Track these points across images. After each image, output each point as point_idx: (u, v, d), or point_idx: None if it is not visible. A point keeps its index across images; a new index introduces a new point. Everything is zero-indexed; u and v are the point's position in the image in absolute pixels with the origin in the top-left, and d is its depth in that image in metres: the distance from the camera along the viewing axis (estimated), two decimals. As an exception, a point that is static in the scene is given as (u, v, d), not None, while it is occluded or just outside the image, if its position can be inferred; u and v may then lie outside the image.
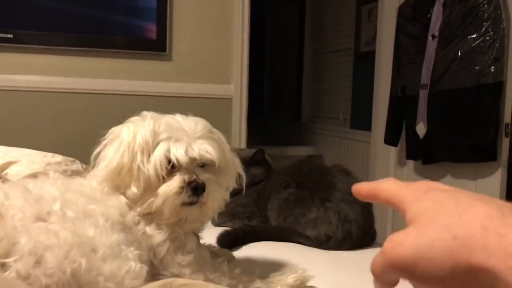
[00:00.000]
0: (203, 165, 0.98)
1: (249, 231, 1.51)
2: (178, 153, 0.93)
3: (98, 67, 2.66)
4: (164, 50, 2.70)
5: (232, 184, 1.06)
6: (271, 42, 5.47)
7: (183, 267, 0.96)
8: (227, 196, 1.05)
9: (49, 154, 1.55)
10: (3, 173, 1.47)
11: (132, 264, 0.83)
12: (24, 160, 1.49)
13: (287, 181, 1.62)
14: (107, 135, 1.00)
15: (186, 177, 0.94)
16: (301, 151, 4.14)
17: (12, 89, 2.58)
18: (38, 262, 0.72)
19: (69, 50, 2.61)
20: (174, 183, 0.94)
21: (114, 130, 1.00)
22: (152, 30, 2.68)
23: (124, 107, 2.67)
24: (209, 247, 1.20)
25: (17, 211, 0.79)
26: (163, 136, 0.95)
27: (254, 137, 3.36)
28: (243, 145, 2.86)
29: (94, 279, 0.76)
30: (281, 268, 1.12)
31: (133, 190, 0.94)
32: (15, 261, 0.70)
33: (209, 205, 0.99)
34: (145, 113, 1.02)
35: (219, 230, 1.44)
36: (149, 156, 0.94)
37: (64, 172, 1.48)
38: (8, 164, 1.49)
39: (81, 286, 0.74)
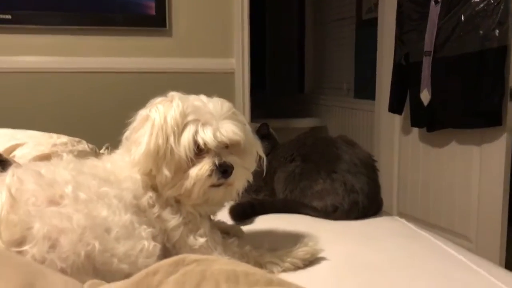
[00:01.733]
0: (228, 146, 1.00)
1: (256, 204, 1.53)
2: (207, 137, 0.95)
3: (98, 45, 2.64)
4: (164, 26, 2.68)
5: (254, 166, 1.07)
6: (271, 13, 5.41)
7: (195, 252, 0.98)
8: (250, 177, 1.06)
9: (55, 135, 1.55)
10: (11, 155, 1.48)
11: (145, 243, 0.85)
12: (30, 142, 1.50)
13: (292, 154, 1.63)
14: (135, 117, 1.00)
15: (216, 159, 0.96)
16: (305, 123, 4.14)
17: (12, 71, 2.58)
18: (52, 247, 0.73)
19: (68, 29, 2.59)
20: (205, 166, 0.95)
21: (143, 113, 1.00)
22: (151, 6, 2.65)
23: (125, 85, 2.67)
24: (219, 224, 1.22)
25: (30, 195, 0.80)
26: (190, 118, 0.96)
27: (258, 110, 3.36)
28: (247, 119, 2.86)
29: (108, 260, 0.77)
30: (290, 241, 1.13)
31: (165, 173, 0.94)
32: (31, 247, 0.71)
33: (235, 187, 1.01)
34: (171, 93, 1.01)
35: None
36: (179, 138, 0.95)
37: (70, 153, 1.49)
38: (15, 147, 1.50)
39: (95, 268, 0.75)
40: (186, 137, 0.94)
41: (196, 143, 0.95)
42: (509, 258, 2.43)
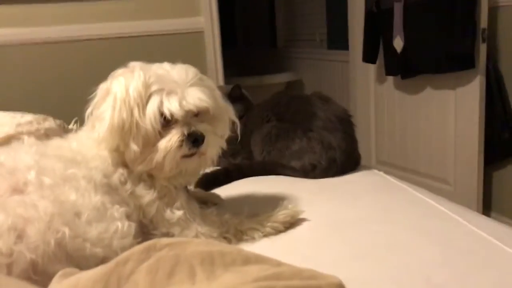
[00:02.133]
0: (197, 114, 0.96)
1: (234, 169, 1.51)
2: (172, 107, 0.90)
3: (56, 13, 2.51)
4: (125, -13, 2.55)
5: (227, 132, 1.04)
6: (237, -35, 5.23)
7: (173, 225, 0.96)
8: (223, 144, 1.03)
9: (18, 114, 1.49)
10: (-26, 139, 1.41)
11: (118, 224, 0.82)
12: (-7, 123, 1.44)
13: (267, 115, 1.60)
14: (96, 92, 0.95)
15: (185, 129, 0.92)
16: (279, 78, 4.08)
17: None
18: (19, 238, 0.70)
19: (24, -2, 2.45)
20: (174, 137, 0.92)
21: (104, 87, 0.94)
22: (109, -33, 2.52)
23: (89, 54, 2.56)
24: (196, 193, 1.20)
25: None
26: (154, 88, 0.91)
27: (230, 69, 3.29)
28: (220, 78, 2.79)
29: (80, 246, 0.75)
30: (270, 204, 1.12)
31: (133, 147, 0.91)
32: None
33: (208, 155, 0.98)
34: (132, 63, 0.96)
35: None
36: (144, 110, 0.90)
37: (36, 131, 1.43)
38: (-22, 129, 1.43)
39: (68, 255, 0.73)
40: (151, 108, 0.90)
41: (162, 114, 0.91)
42: (486, 197, 2.48)
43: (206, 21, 2.72)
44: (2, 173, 0.79)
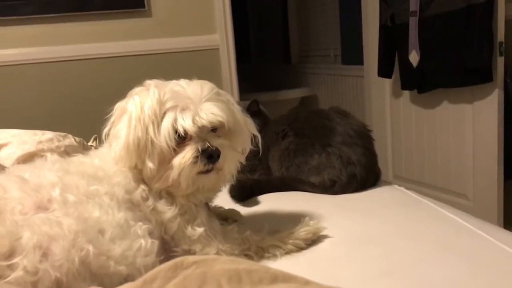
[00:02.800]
0: (215, 129, 0.95)
1: (253, 184, 1.50)
2: (186, 124, 0.90)
3: (77, 32, 2.56)
4: (142, 6, 2.59)
5: (247, 146, 1.03)
6: (252, -17, 5.28)
7: (194, 242, 0.95)
8: (242, 159, 1.02)
9: (39, 132, 1.50)
10: (-4, 156, 1.43)
11: (142, 242, 0.82)
12: (14, 141, 1.45)
13: (284, 130, 1.59)
14: (113, 111, 0.95)
15: (199, 145, 0.91)
16: (294, 94, 4.08)
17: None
18: (44, 256, 0.70)
19: (44, 18, 2.50)
20: (187, 154, 0.91)
21: (120, 105, 0.95)
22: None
23: (109, 71, 2.60)
24: (216, 210, 1.19)
25: (16, 203, 0.76)
26: (168, 105, 0.91)
27: (245, 84, 3.31)
28: (235, 93, 2.81)
29: (104, 264, 0.74)
30: (291, 221, 1.11)
31: (149, 165, 0.90)
32: (21, 258, 0.68)
33: (225, 170, 0.97)
34: (148, 82, 0.97)
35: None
36: (158, 127, 0.90)
37: (57, 149, 1.44)
38: (-1, 147, 1.45)
39: (92, 272, 0.73)
40: (165, 125, 0.90)
41: (176, 131, 0.91)
42: (507, 212, 2.44)
43: (221, 38, 2.75)
44: (27, 191, 0.79)
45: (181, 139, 0.92)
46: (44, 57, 2.54)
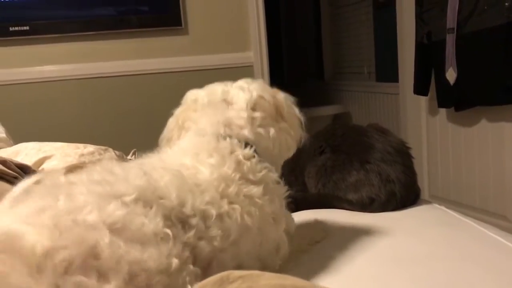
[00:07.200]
0: None
1: (288, 201, 1.49)
2: None
3: (116, 49, 2.63)
4: (179, 24, 2.65)
5: (299, 135, 1.21)
6: (285, 1, 5.32)
7: None
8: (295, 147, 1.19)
9: (81, 145, 1.54)
10: (39, 168, 1.47)
11: None
12: (58, 154, 1.49)
13: (321, 146, 1.58)
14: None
15: None
16: (327, 111, 4.07)
17: (33, 81, 2.58)
18: None
19: (85, 36, 2.58)
20: None
21: (172, 121, 1.08)
22: (164, 6, 2.63)
23: (146, 88, 2.65)
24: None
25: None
26: None
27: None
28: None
29: None
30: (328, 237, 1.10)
31: None
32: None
33: None
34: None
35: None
36: None
37: (98, 162, 1.47)
38: (43, 160, 1.49)
39: None
40: None
41: None
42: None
43: (256, 55, 2.78)
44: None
45: None
46: (85, 73, 2.61)
